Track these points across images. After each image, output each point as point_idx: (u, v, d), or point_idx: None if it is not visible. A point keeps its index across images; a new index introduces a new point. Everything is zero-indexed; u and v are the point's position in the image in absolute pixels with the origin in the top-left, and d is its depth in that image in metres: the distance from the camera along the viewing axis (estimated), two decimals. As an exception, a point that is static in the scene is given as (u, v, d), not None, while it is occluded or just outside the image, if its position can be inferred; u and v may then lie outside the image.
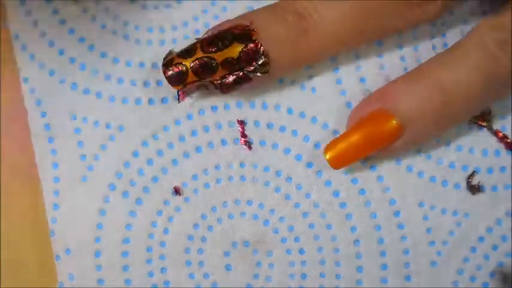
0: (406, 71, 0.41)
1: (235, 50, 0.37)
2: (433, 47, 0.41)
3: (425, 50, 0.41)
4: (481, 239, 0.41)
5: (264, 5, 0.39)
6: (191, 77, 0.37)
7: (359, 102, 0.40)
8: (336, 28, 0.37)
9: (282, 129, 0.40)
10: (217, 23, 0.40)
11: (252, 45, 0.37)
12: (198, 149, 0.40)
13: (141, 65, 0.40)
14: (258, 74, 0.37)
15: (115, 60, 0.40)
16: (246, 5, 0.40)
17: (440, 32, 0.41)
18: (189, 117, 0.40)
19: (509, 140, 0.41)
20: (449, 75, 0.38)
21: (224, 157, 0.40)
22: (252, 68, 0.37)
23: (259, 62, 0.37)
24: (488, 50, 0.38)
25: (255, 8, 0.40)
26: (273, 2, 0.39)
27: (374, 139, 0.38)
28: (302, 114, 0.40)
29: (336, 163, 0.39)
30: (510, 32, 0.38)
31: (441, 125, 0.39)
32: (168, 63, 0.38)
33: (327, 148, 0.39)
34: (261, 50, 0.37)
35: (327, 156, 0.38)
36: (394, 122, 0.38)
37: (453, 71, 0.38)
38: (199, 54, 0.37)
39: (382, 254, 0.40)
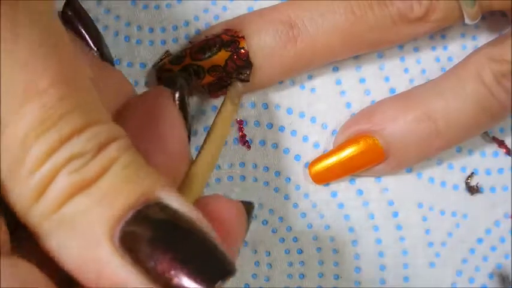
0: (406, 71, 0.41)
1: (222, 57, 0.38)
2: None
3: (426, 50, 0.41)
4: (479, 240, 0.41)
5: (264, 5, 0.39)
6: None
7: (347, 120, 0.40)
8: (325, 39, 0.37)
9: (281, 129, 0.40)
10: (217, 22, 0.40)
11: (239, 52, 0.37)
12: (198, 149, 0.40)
13: (142, 65, 0.40)
14: (239, 81, 0.38)
15: (116, 61, 0.40)
16: (246, 5, 0.40)
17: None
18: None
19: (508, 146, 0.41)
20: (440, 104, 0.38)
21: (224, 157, 0.40)
22: (234, 75, 0.38)
23: (246, 71, 0.38)
24: (484, 82, 0.37)
25: (255, 9, 0.40)
26: (273, 2, 0.39)
27: (357, 161, 0.39)
28: (301, 114, 0.40)
29: (319, 180, 0.40)
30: (509, 64, 0.37)
31: (426, 154, 0.39)
32: (159, 68, 0.39)
33: (312, 164, 0.39)
34: (248, 58, 0.37)
35: (311, 172, 0.39)
36: (378, 146, 0.38)
37: (445, 101, 0.38)
38: (188, 61, 0.38)
39: (380, 254, 0.40)
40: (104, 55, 0.35)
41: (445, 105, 0.38)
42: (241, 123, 0.40)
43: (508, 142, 0.41)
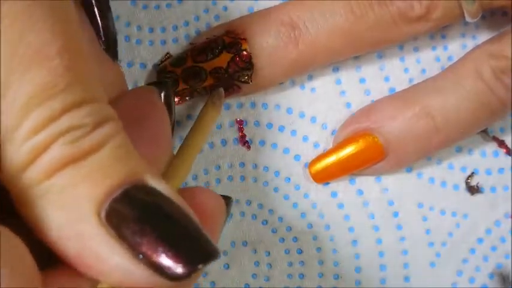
0: (406, 71, 0.41)
1: (224, 59, 0.38)
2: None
3: (426, 50, 0.41)
4: (480, 240, 0.41)
5: (265, 5, 0.39)
6: (181, 85, 0.38)
7: (347, 119, 0.40)
8: (327, 39, 0.38)
9: (281, 129, 0.40)
10: (218, 22, 0.40)
11: (241, 54, 0.37)
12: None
13: (142, 65, 0.40)
14: (240, 83, 0.38)
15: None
16: (247, 5, 0.40)
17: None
18: (189, 117, 0.40)
19: (508, 146, 0.41)
20: (439, 102, 0.38)
21: (224, 157, 0.40)
22: (236, 77, 0.38)
23: (247, 72, 0.38)
24: (483, 79, 0.37)
25: (255, 9, 0.40)
26: (273, 2, 0.39)
27: (357, 159, 0.39)
28: (301, 114, 0.40)
29: (319, 179, 0.40)
30: (509, 60, 0.37)
31: (426, 151, 0.39)
32: (160, 70, 0.39)
33: (312, 163, 0.40)
34: (250, 60, 0.38)
35: (311, 171, 0.39)
36: (377, 145, 0.38)
37: (444, 98, 0.38)
38: (190, 63, 0.38)
39: (381, 254, 0.40)
40: (109, 48, 0.35)
41: (444, 101, 0.38)
42: (241, 123, 0.40)
43: (508, 142, 0.41)
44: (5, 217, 0.26)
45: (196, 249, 0.26)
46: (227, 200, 0.32)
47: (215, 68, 0.38)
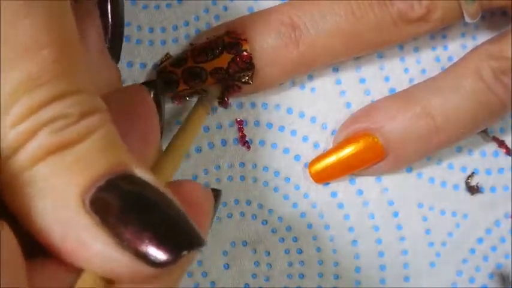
0: (406, 71, 0.41)
1: (225, 59, 0.38)
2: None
3: (426, 50, 0.41)
4: (479, 240, 0.41)
5: (265, 5, 0.39)
6: (182, 86, 0.38)
7: (347, 119, 0.40)
8: (327, 40, 0.38)
9: (281, 129, 0.40)
10: (218, 22, 0.40)
11: (241, 55, 0.37)
12: (197, 149, 0.40)
13: (142, 65, 0.40)
14: (240, 84, 0.38)
15: (116, 61, 0.40)
16: (247, 5, 0.40)
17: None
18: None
19: (508, 146, 0.41)
20: (439, 102, 0.38)
21: (224, 157, 0.40)
22: (237, 77, 0.38)
23: (248, 73, 0.38)
24: (483, 79, 0.37)
25: (255, 9, 0.40)
26: (273, 2, 0.39)
27: (357, 159, 0.39)
28: (301, 114, 0.40)
29: (319, 179, 0.40)
30: (509, 61, 0.37)
31: (426, 151, 0.39)
32: (160, 70, 0.39)
33: (312, 163, 0.40)
34: (251, 60, 0.38)
35: (311, 172, 0.39)
36: (377, 144, 0.38)
37: (444, 98, 0.38)
38: (190, 63, 0.38)
39: (380, 254, 0.40)
40: (113, 46, 0.36)
41: (444, 102, 0.38)
42: (241, 123, 0.40)
43: (508, 142, 0.41)
44: None
45: (180, 236, 0.26)
46: (215, 192, 0.33)
47: (215, 69, 0.38)
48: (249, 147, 0.40)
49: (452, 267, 0.41)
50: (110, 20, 0.35)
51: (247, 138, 0.40)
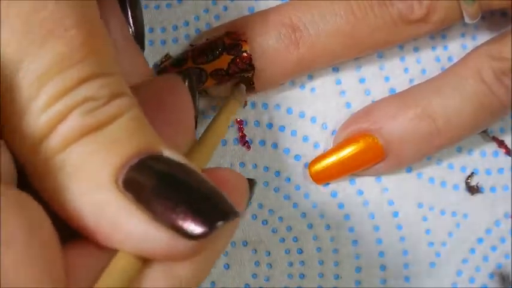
0: (406, 71, 0.41)
1: (225, 61, 0.38)
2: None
3: (426, 50, 0.41)
4: (479, 240, 0.41)
5: (265, 5, 0.39)
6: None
7: (347, 119, 0.40)
8: (327, 41, 0.38)
9: (281, 129, 0.40)
10: (218, 22, 0.40)
11: (241, 56, 0.37)
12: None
13: (142, 64, 0.40)
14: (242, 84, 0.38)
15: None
16: (247, 5, 0.40)
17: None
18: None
19: (508, 146, 0.41)
20: (439, 103, 0.38)
21: (224, 157, 0.40)
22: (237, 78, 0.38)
23: (248, 74, 0.38)
24: (484, 80, 0.37)
25: (255, 9, 0.40)
26: (273, 2, 0.39)
27: (357, 159, 0.39)
28: (301, 114, 0.40)
29: (319, 179, 0.40)
30: (509, 62, 0.37)
31: (426, 152, 0.39)
32: (161, 71, 0.39)
33: (312, 163, 0.40)
34: (251, 61, 0.38)
35: (311, 172, 0.39)
36: (377, 145, 0.38)
37: (444, 99, 0.38)
38: (190, 64, 0.38)
39: (381, 254, 0.40)
40: (138, 36, 0.36)
41: (444, 102, 0.38)
42: (241, 123, 0.40)
43: (508, 142, 0.41)
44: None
45: (214, 207, 0.26)
46: (251, 181, 0.33)
47: (216, 70, 0.38)
48: (249, 147, 0.40)
49: (452, 267, 0.41)
50: (129, 12, 0.35)
51: (247, 138, 0.40)
